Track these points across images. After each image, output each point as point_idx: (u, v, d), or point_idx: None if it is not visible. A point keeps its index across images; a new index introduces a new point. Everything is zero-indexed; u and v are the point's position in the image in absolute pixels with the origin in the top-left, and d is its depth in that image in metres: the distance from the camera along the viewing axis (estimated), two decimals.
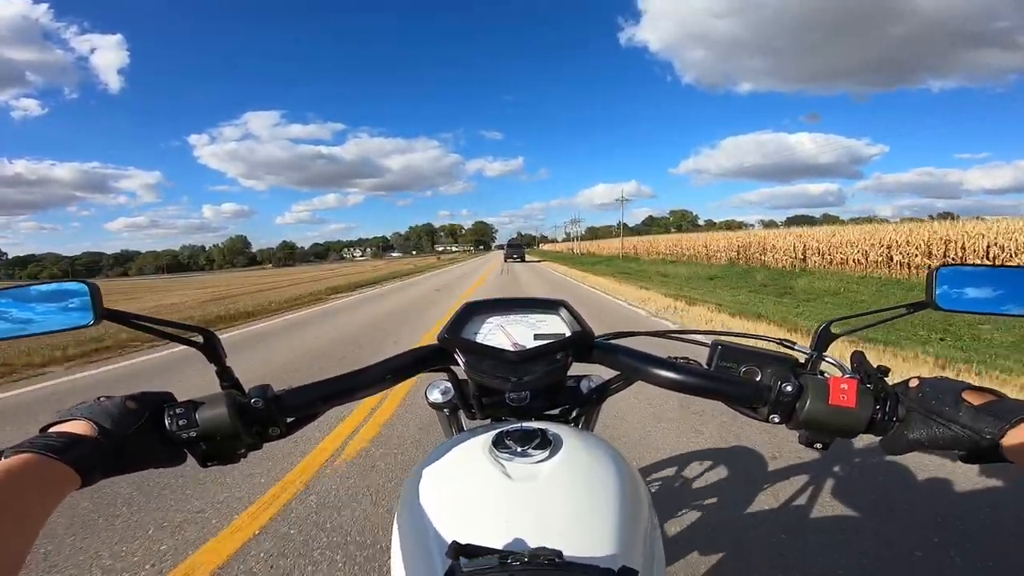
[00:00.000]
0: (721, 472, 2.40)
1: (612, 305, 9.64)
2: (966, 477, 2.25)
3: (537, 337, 0.66)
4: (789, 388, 0.52)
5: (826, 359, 0.58)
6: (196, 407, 0.51)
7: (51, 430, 0.46)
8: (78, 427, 0.46)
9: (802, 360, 0.59)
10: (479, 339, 0.66)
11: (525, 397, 0.65)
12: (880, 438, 0.52)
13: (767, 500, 2.11)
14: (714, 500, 2.11)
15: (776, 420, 0.54)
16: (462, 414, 0.75)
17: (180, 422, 0.50)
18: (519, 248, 42.20)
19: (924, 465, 2.33)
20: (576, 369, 0.68)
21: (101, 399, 0.50)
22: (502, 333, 0.67)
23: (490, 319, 0.68)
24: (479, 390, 0.68)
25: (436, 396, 0.76)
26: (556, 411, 0.72)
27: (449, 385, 0.74)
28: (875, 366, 0.54)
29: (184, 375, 4.89)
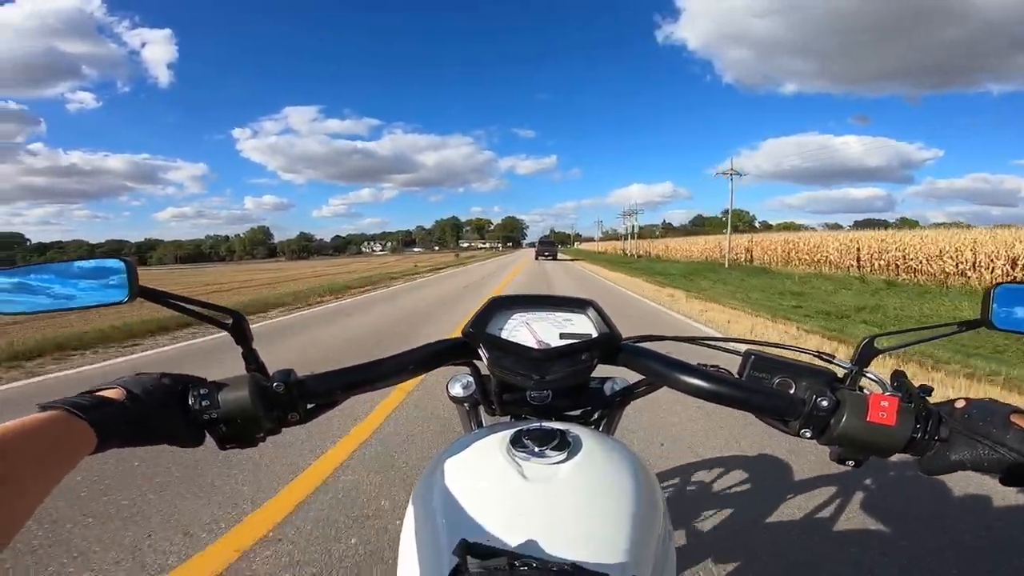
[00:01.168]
0: (740, 479, 2.35)
1: None
2: (999, 494, 2.15)
3: (563, 336, 0.65)
4: (825, 403, 0.50)
5: (867, 375, 0.56)
6: (219, 388, 0.52)
7: (86, 393, 0.47)
8: (110, 392, 0.47)
9: (840, 375, 0.56)
10: (504, 335, 0.65)
11: (547, 396, 0.64)
12: (918, 458, 0.50)
13: (786, 511, 2.06)
14: (731, 509, 2.07)
15: (808, 435, 0.52)
16: (482, 410, 0.75)
17: (203, 403, 0.51)
18: (552, 246, 41.79)
19: (956, 480, 2.24)
20: (600, 370, 0.67)
21: (140, 374, 0.51)
22: (527, 330, 0.66)
23: (516, 315, 0.67)
24: (501, 386, 0.67)
25: (457, 390, 0.76)
26: (577, 412, 0.71)
27: (471, 380, 0.73)
28: (917, 385, 0.52)
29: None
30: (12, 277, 0.53)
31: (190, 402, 0.51)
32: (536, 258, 37.63)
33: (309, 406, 0.57)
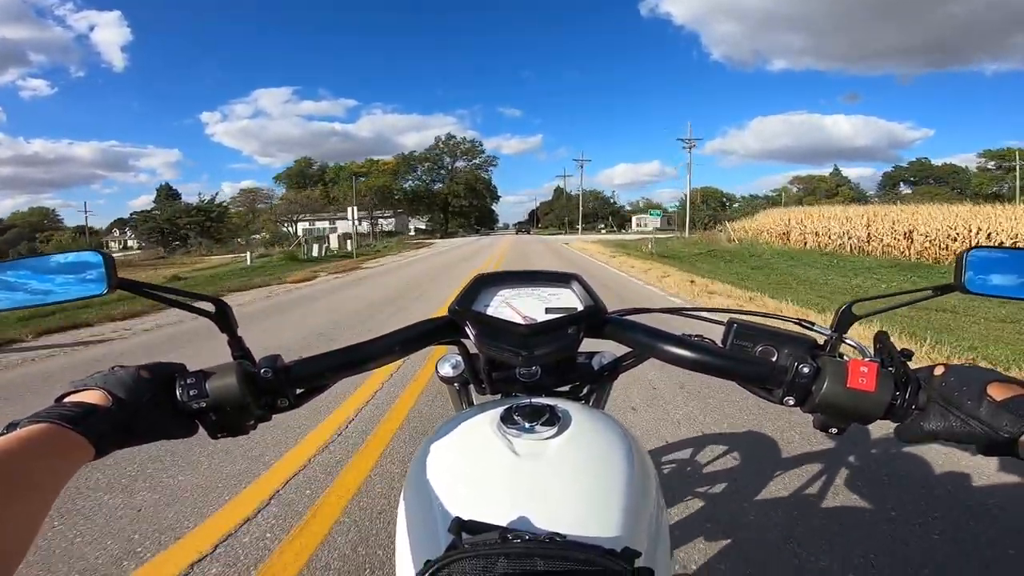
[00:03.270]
0: (732, 457, 2.39)
1: None
2: (988, 469, 2.21)
3: (549, 311, 0.65)
4: (806, 369, 0.51)
5: (846, 341, 0.57)
6: (206, 377, 0.51)
7: (66, 400, 0.46)
8: (92, 396, 0.46)
9: (821, 341, 0.57)
10: (490, 312, 0.65)
11: (536, 372, 0.64)
12: (896, 425, 0.51)
13: (778, 487, 2.10)
14: (724, 485, 2.10)
15: (791, 402, 0.53)
16: (472, 389, 0.75)
17: (191, 392, 0.51)
18: (527, 224, 72.52)
19: (944, 454, 2.29)
20: (589, 346, 0.67)
21: (115, 368, 0.50)
22: (513, 306, 0.66)
23: (501, 292, 0.67)
24: (489, 364, 0.68)
25: (447, 370, 0.76)
26: (567, 388, 0.72)
27: (460, 359, 0.74)
28: (899, 349, 0.52)
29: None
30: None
31: (178, 393, 0.51)
32: (516, 234, 61.20)
33: (298, 391, 0.56)
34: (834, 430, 0.53)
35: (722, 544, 1.73)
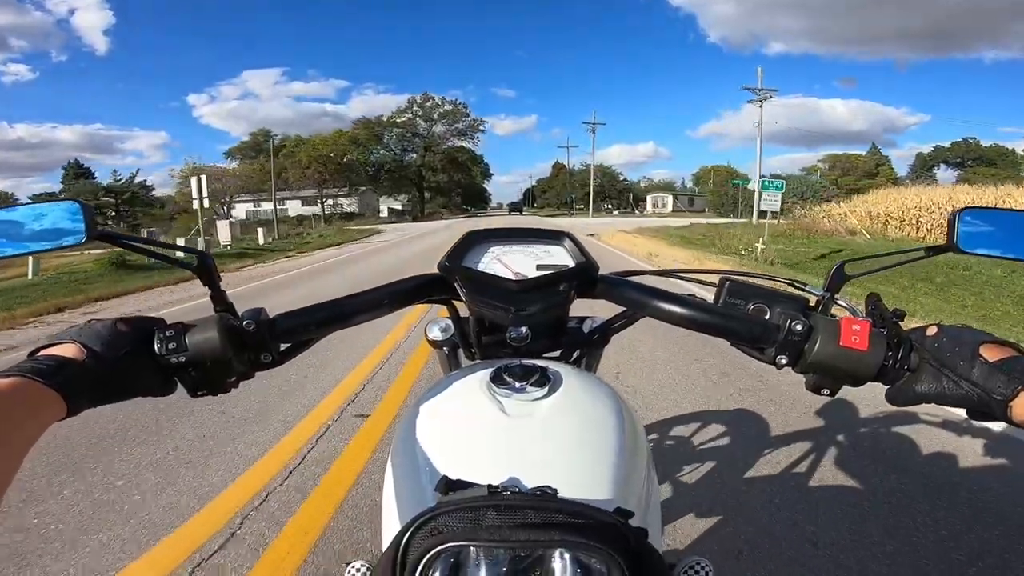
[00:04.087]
0: (724, 433, 2.41)
1: None
2: (978, 443, 2.24)
3: (540, 268, 0.65)
4: (799, 327, 0.50)
5: (838, 302, 0.56)
6: (186, 330, 0.50)
7: (40, 354, 0.44)
8: (67, 350, 0.44)
9: (812, 301, 0.57)
10: (480, 268, 0.64)
11: (526, 336, 0.63)
12: (887, 387, 0.50)
13: (768, 464, 2.13)
14: (714, 462, 2.13)
15: (783, 361, 0.52)
16: (462, 353, 0.75)
17: (169, 346, 0.49)
18: (520, 204, 74.83)
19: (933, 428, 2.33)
20: (580, 313, 0.66)
21: (92, 322, 0.49)
22: (504, 262, 0.65)
23: (492, 248, 0.66)
24: (479, 327, 0.67)
25: (436, 333, 0.75)
26: (557, 353, 0.71)
27: (449, 323, 0.73)
28: (891, 309, 0.51)
29: None
30: None
31: (156, 347, 0.49)
32: (509, 213, 61.58)
33: (283, 347, 0.55)
34: (826, 391, 0.52)
35: (712, 521, 1.75)
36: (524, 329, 0.62)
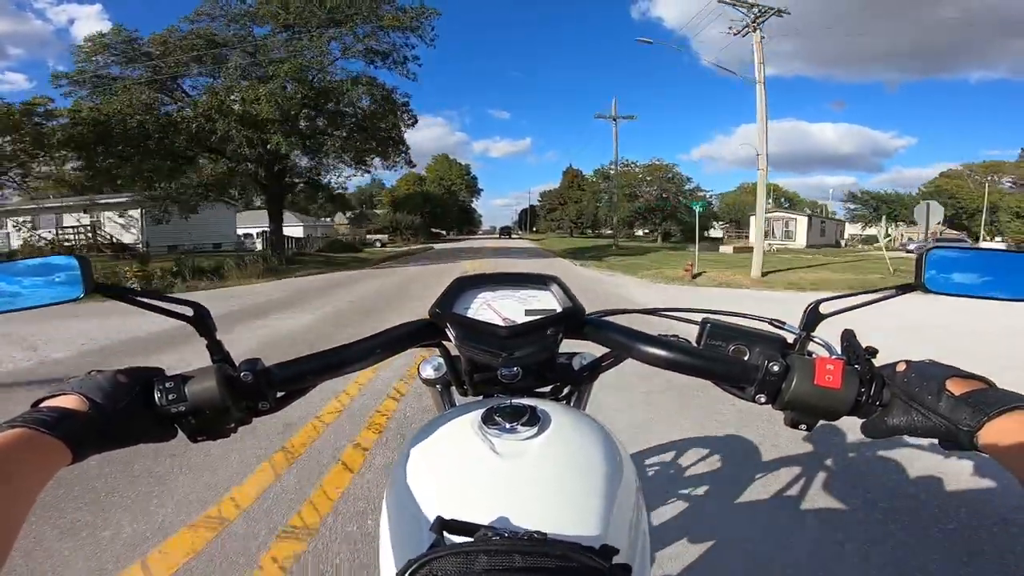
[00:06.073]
0: (714, 461, 2.42)
1: None
2: (964, 471, 2.27)
3: (528, 313, 0.66)
4: (776, 368, 0.52)
5: (814, 339, 0.58)
6: (185, 381, 0.51)
7: (42, 405, 0.46)
8: (69, 401, 0.46)
9: (790, 340, 0.59)
10: (470, 314, 0.66)
11: (517, 373, 0.64)
12: (862, 420, 0.52)
13: (758, 491, 2.13)
14: (707, 488, 2.13)
15: (762, 400, 0.54)
16: (454, 391, 0.75)
17: (169, 396, 0.50)
18: (509, 230, 68.42)
19: (918, 456, 2.35)
20: (570, 348, 0.68)
21: (93, 373, 0.50)
22: (493, 308, 0.67)
23: (481, 294, 0.68)
24: (471, 366, 0.68)
25: (429, 372, 0.76)
26: (548, 388, 0.72)
27: (442, 361, 0.74)
28: (864, 347, 0.54)
29: None
30: None
31: (156, 397, 0.50)
32: (499, 236, 56.70)
33: (279, 394, 0.56)
34: (803, 427, 0.54)
35: (704, 547, 1.75)
36: (515, 368, 0.64)
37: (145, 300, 0.53)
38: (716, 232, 49.69)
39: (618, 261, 18.28)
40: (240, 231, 30.57)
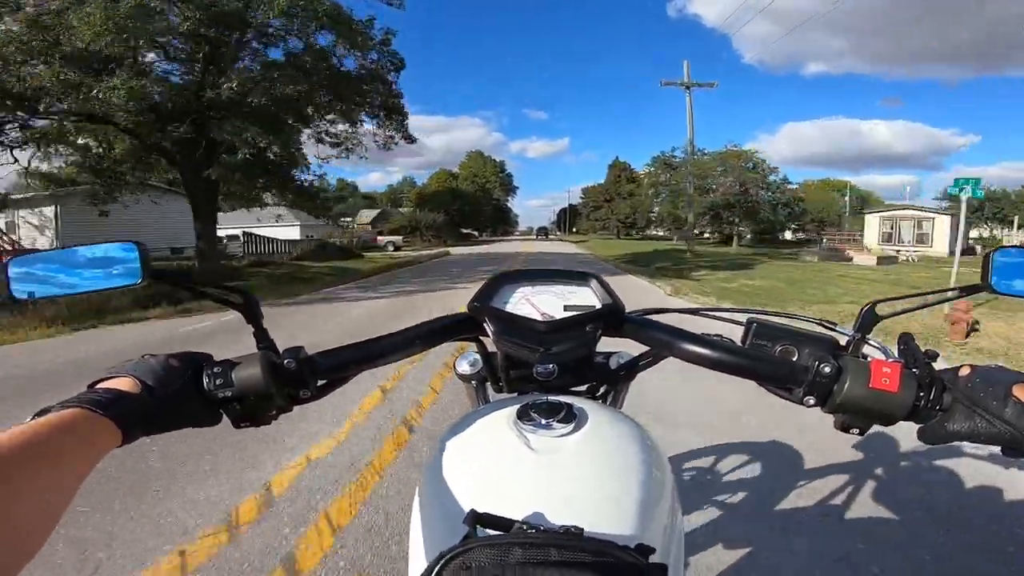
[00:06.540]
0: (753, 466, 2.35)
1: None
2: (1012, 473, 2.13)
3: (567, 308, 0.66)
4: (827, 369, 0.51)
5: (869, 342, 0.56)
6: (232, 367, 0.53)
7: (97, 386, 0.47)
8: (123, 383, 0.47)
9: (843, 342, 0.57)
10: (508, 308, 0.66)
11: (553, 371, 0.64)
12: (919, 426, 0.50)
13: (798, 498, 2.06)
14: (744, 494, 2.07)
15: (811, 402, 0.52)
16: (489, 386, 0.76)
17: (217, 381, 0.52)
18: (545, 231, 67.72)
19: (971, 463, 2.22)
20: (606, 346, 0.67)
21: (146, 356, 0.52)
22: (531, 304, 0.67)
23: (520, 289, 0.68)
24: (507, 362, 0.68)
25: (464, 367, 0.76)
26: (584, 387, 0.72)
27: (478, 357, 0.74)
28: (923, 350, 0.52)
29: None
30: (29, 264, 0.54)
31: (204, 382, 0.52)
32: (536, 237, 55.11)
33: (320, 382, 0.57)
34: (855, 431, 0.52)
35: (739, 554, 1.70)
36: (551, 365, 0.64)
37: (198, 288, 0.55)
38: (787, 234, 40.76)
39: (716, 279, 12.07)
40: (222, 232, 19.27)
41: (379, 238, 32.94)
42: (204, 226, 12.81)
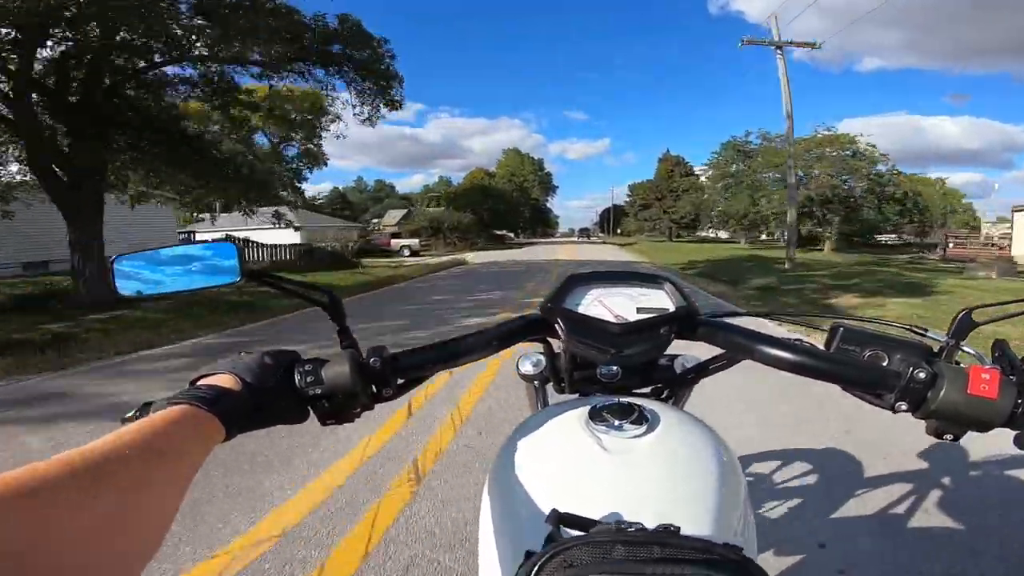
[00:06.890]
0: (817, 471, 2.27)
1: None
2: None
3: (640, 311, 0.65)
4: (922, 375, 0.49)
5: (963, 348, 0.54)
6: (322, 365, 0.54)
7: (200, 383, 0.48)
8: (224, 380, 0.48)
9: (936, 348, 0.55)
10: (581, 310, 0.66)
11: (617, 373, 0.64)
12: (1016, 432, 0.48)
13: (860, 505, 1.98)
14: (802, 499, 2.00)
15: (903, 408, 0.51)
16: (550, 388, 0.76)
17: (308, 379, 0.53)
18: (587, 232, 66.73)
19: None
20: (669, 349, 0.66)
21: (242, 354, 0.53)
22: (604, 305, 0.66)
23: (593, 291, 0.68)
24: (572, 363, 0.68)
25: (528, 368, 0.77)
26: (647, 389, 0.71)
27: (541, 358, 0.75)
28: (1020, 357, 0.50)
29: None
30: (134, 261, 0.57)
31: (296, 379, 0.53)
32: (577, 239, 53.85)
33: (400, 381, 0.59)
34: (949, 436, 0.51)
35: (792, 561, 1.66)
36: (615, 367, 0.64)
37: (289, 287, 0.57)
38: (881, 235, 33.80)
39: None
40: (206, 235, 18.19)
41: (393, 241, 28.51)
42: (79, 231, 7.97)
